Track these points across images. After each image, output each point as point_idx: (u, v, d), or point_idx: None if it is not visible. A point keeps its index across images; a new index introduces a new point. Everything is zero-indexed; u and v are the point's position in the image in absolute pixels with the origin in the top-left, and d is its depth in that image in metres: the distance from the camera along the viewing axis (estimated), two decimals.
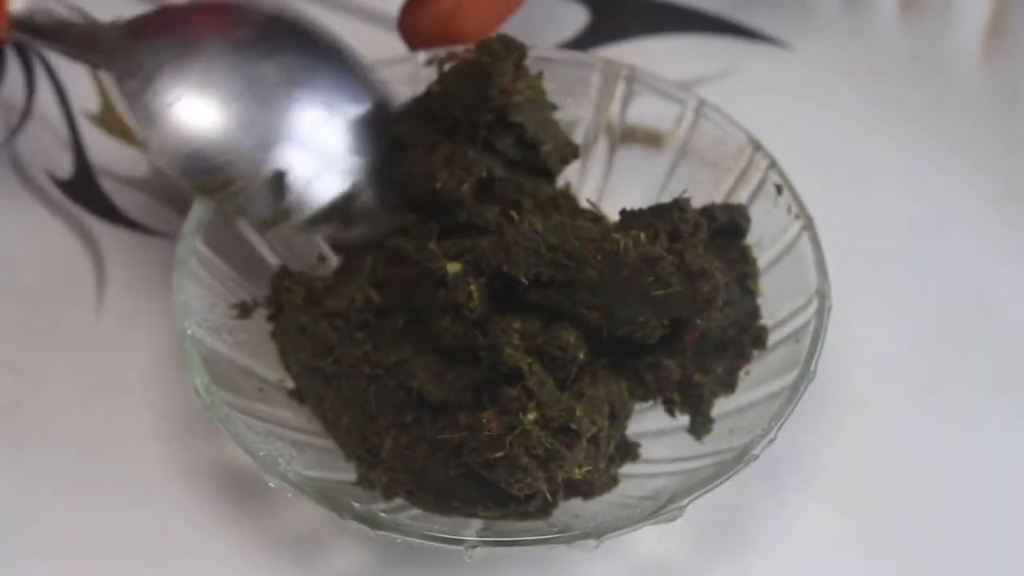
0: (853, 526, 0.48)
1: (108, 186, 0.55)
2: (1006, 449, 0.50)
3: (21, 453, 0.48)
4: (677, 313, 0.43)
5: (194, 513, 0.47)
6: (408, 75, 0.51)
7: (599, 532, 0.42)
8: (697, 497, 0.42)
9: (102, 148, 0.56)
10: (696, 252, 0.42)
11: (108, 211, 0.54)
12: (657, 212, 0.44)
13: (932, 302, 0.54)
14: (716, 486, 0.43)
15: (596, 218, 0.46)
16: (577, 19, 0.61)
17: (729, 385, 0.47)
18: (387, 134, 0.49)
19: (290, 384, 0.47)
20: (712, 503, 0.46)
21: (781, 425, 0.44)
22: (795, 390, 0.44)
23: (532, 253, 0.43)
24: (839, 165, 0.57)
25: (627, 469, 0.45)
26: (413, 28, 0.51)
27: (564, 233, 0.44)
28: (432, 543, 0.41)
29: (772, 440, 0.43)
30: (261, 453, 0.42)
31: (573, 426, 0.42)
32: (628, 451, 0.46)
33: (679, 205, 0.44)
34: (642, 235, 0.42)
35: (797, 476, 0.49)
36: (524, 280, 0.43)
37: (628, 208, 0.45)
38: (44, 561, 0.46)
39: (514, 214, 0.44)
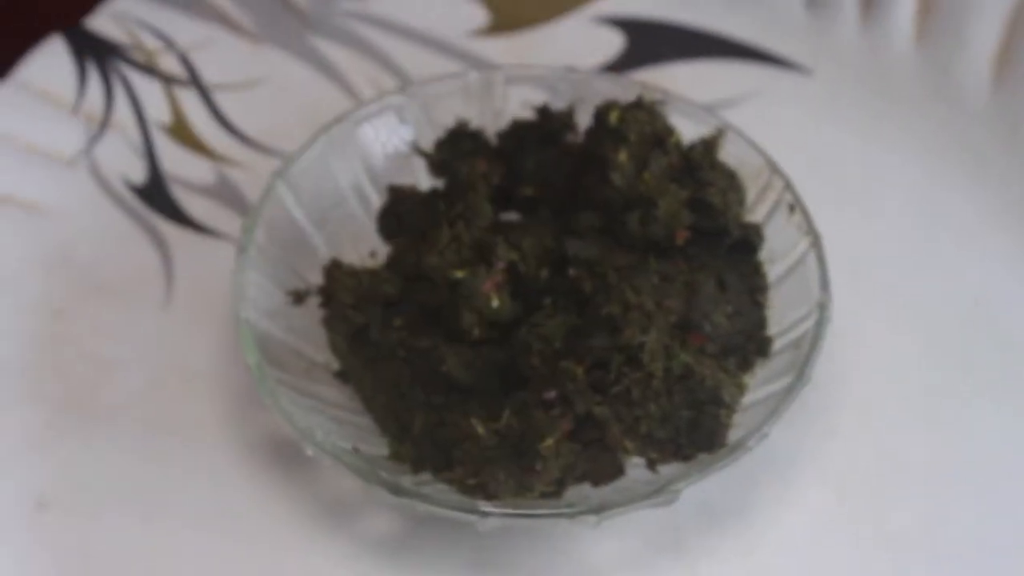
0: (851, 516, 0.51)
1: (178, 192, 0.60)
2: (1002, 451, 0.53)
3: (98, 432, 0.53)
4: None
5: (245, 484, 0.51)
6: (460, 90, 0.56)
7: (599, 509, 0.46)
8: (691, 482, 0.47)
9: (173, 157, 0.61)
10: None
11: (177, 215, 0.59)
12: None
13: (936, 313, 0.57)
14: (710, 473, 0.47)
15: None
16: (613, 44, 0.65)
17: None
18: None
19: (336, 366, 0.51)
20: (722, 492, 0.50)
21: (775, 422, 0.48)
22: (789, 392, 0.48)
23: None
24: (852, 183, 0.61)
25: (635, 460, 0.49)
26: None
27: None
28: (448, 511, 0.46)
29: (766, 435, 0.48)
30: (302, 425, 0.47)
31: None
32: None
33: None
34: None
35: (800, 470, 0.52)
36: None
37: None
38: (118, 527, 0.50)
39: None
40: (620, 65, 0.64)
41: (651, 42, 0.65)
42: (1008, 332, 0.56)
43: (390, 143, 0.56)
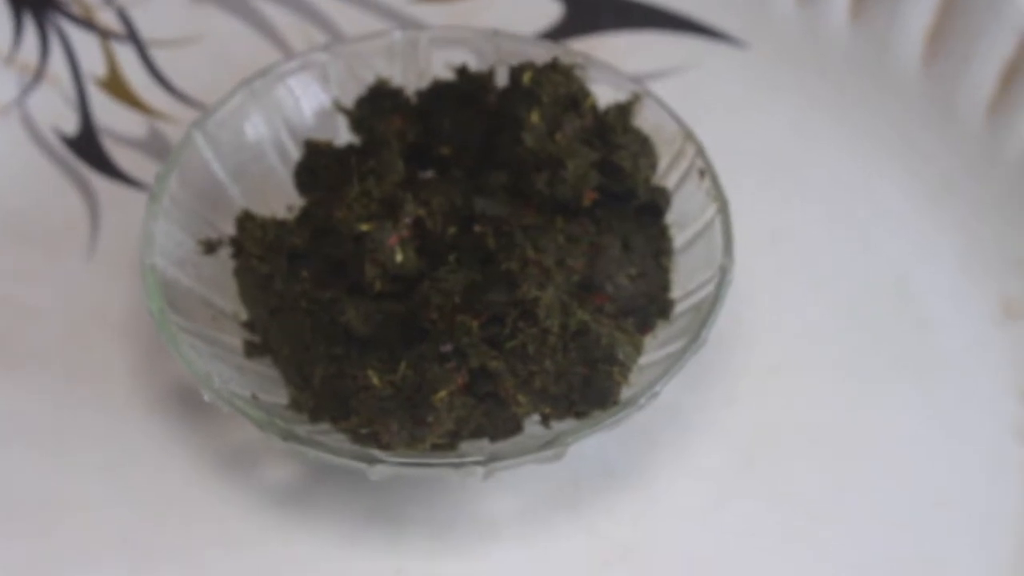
0: (749, 481, 0.52)
1: (109, 145, 0.60)
2: (907, 424, 0.54)
3: (8, 376, 0.54)
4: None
5: (151, 431, 0.52)
6: (384, 49, 0.57)
7: (488, 461, 0.47)
8: (581, 438, 0.47)
9: (106, 110, 0.62)
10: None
11: (107, 167, 0.60)
12: None
13: (854, 287, 0.57)
14: (600, 429, 0.47)
15: None
16: (551, 13, 0.66)
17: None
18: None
19: (244, 316, 0.52)
20: (620, 453, 0.51)
21: (667, 381, 0.48)
22: (683, 352, 0.49)
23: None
24: (781, 157, 0.61)
25: (534, 417, 0.50)
26: None
27: None
28: (339, 458, 0.47)
29: (657, 394, 0.48)
30: (200, 370, 0.48)
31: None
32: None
33: None
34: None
35: (701, 433, 0.53)
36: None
37: None
38: (22, 470, 0.52)
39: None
40: (557, 34, 0.65)
41: (589, 12, 0.65)
42: (924, 310, 0.57)
43: (312, 99, 0.56)
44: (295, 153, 0.55)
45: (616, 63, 0.57)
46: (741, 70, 0.64)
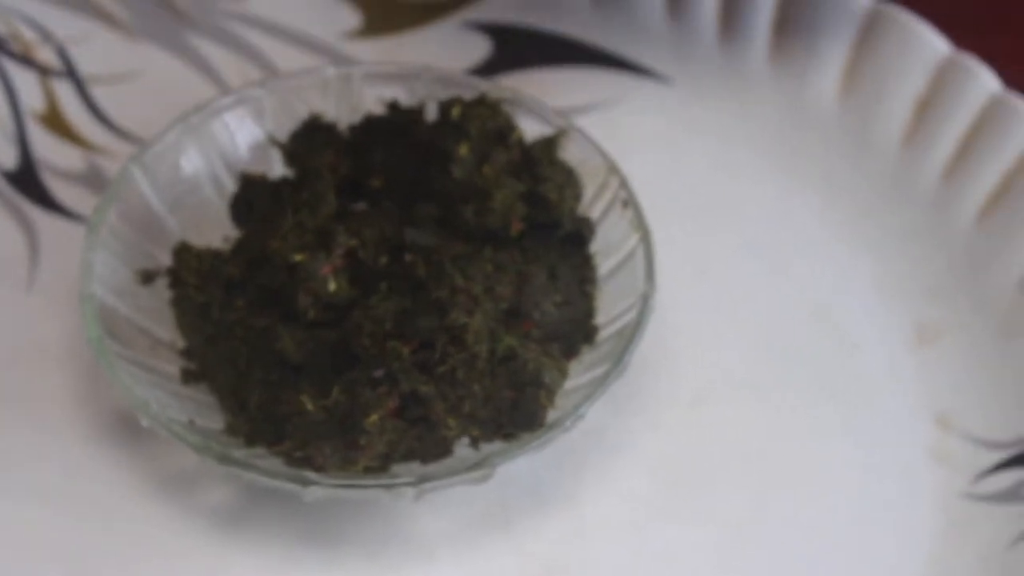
0: (673, 503, 0.53)
1: (48, 179, 0.61)
2: (826, 447, 0.55)
3: None
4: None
5: (88, 457, 0.53)
6: (318, 84, 0.59)
7: (418, 482, 0.48)
8: (508, 459, 0.49)
9: (45, 145, 0.63)
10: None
11: (46, 200, 0.61)
12: None
13: (776, 315, 0.59)
14: (527, 451, 0.49)
15: None
16: (481, 49, 0.67)
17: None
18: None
19: (181, 344, 0.53)
20: (549, 475, 0.53)
21: (591, 404, 0.50)
22: (606, 376, 0.50)
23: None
24: (704, 190, 0.63)
25: (465, 441, 0.51)
26: None
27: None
28: (273, 480, 0.48)
29: (581, 416, 0.50)
30: (137, 397, 0.49)
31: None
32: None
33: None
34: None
35: (626, 456, 0.54)
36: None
37: None
38: None
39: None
40: (487, 70, 0.66)
41: (517, 48, 0.67)
42: (842, 336, 0.59)
43: (248, 133, 0.58)
44: (231, 186, 0.57)
45: (544, 98, 0.59)
46: (664, 105, 0.66)
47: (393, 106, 0.56)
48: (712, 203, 0.63)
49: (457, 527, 0.52)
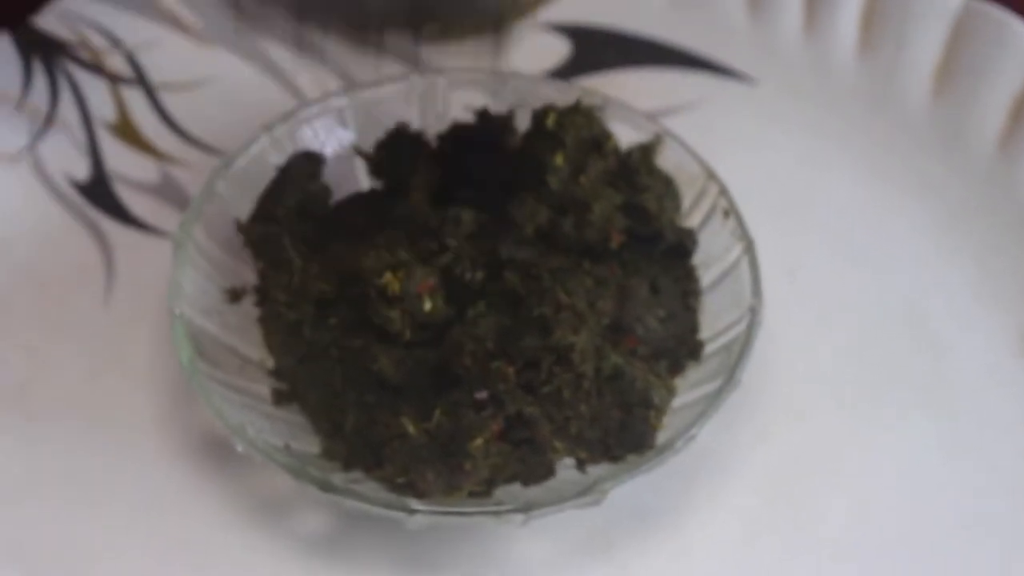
0: (779, 520, 0.52)
1: (121, 191, 0.60)
2: (930, 455, 0.54)
3: (30, 425, 0.53)
4: None
5: (178, 480, 0.51)
6: (403, 92, 0.57)
7: (526, 508, 0.46)
8: (619, 483, 0.47)
9: (118, 155, 0.61)
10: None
11: (120, 212, 0.59)
12: None
13: (868, 319, 0.57)
14: (638, 474, 0.47)
15: None
16: (560, 51, 0.66)
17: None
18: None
19: (271, 363, 0.52)
20: (655, 493, 0.51)
21: (703, 424, 0.48)
22: (718, 395, 0.49)
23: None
24: (793, 190, 0.61)
25: (567, 461, 0.49)
26: None
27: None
28: (376, 508, 0.46)
29: (693, 437, 0.48)
30: (232, 421, 0.47)
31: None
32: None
33: None
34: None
35: (731, 473, 0.53)
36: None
37: None
38: (50, 524, 0.51)
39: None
40: (566, 72, 0.65)
41: (597, 49, 0.66)
42: (937, 338, 0.57)
43: (331, 144, 0.56)
44: None
45: (630, 100, 0.57)
46: (750, 106, 0.64)
47: (482, 114, 0.55)
48: (801, 205, 0.61)
49: (557, 549, 0.51)
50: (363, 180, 0.55)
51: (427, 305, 0.49)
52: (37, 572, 0.50)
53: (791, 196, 0.61)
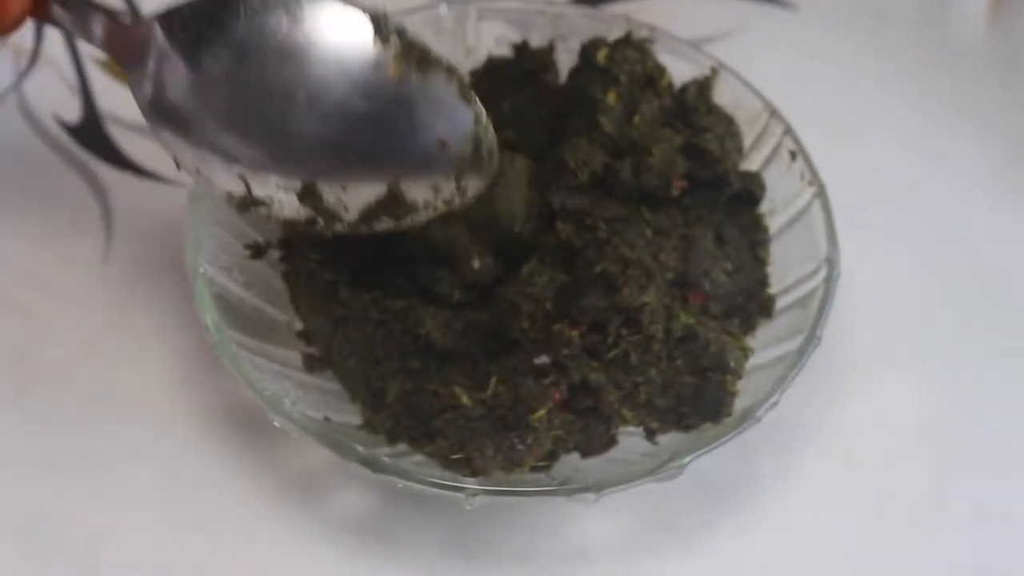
0: (855, 484, 0.48)
1: (115, 132, 0.55)
2: (1004, 410, 0.50)
3: (33, 394, 0.49)
4: None
5: (202, 453, 0.47)
6: (430, 23, 0.52)
7: (599, 486, 0.42)
8: (698, 456, 0.43)
9: (110, 93, 0.56)
10: None
11: (115, 157, 0.55)
12: None
13: (933, 264, 0.54)
14: (717, 446, 0.43)
15: None
16: None
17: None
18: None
19: (299, 325, 0.47)
20: (719, 461, 0.46)
21: (784, 389, 0.44)
22: (800, 355, 0.45)
23: None
24: (842, 125, 0.57)
25: (629, 428, 0.45)
26: None
27: None
28: (433, 489, 0.42)
29: (775, 403, 0.44)
30: (267, 392, 0.43)
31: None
32: None
33: None
34: None
35: (802, 436, 0.49)
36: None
37: None
38: (54, 496, 0.46)
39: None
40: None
41: None
42: (1008, 285, 0.54)
43: None
44: None
45: (666, 28, 0.53)
46: (791, 34, 0.61)
47: (520, 48, 0.50)
48: (852, 141, 0.57)
49: (619, 527, 0.47)
50: None
51: (476, 263, 0.45)
52: (39, 549, 0.45)
53: (842, 131, 0.57)
